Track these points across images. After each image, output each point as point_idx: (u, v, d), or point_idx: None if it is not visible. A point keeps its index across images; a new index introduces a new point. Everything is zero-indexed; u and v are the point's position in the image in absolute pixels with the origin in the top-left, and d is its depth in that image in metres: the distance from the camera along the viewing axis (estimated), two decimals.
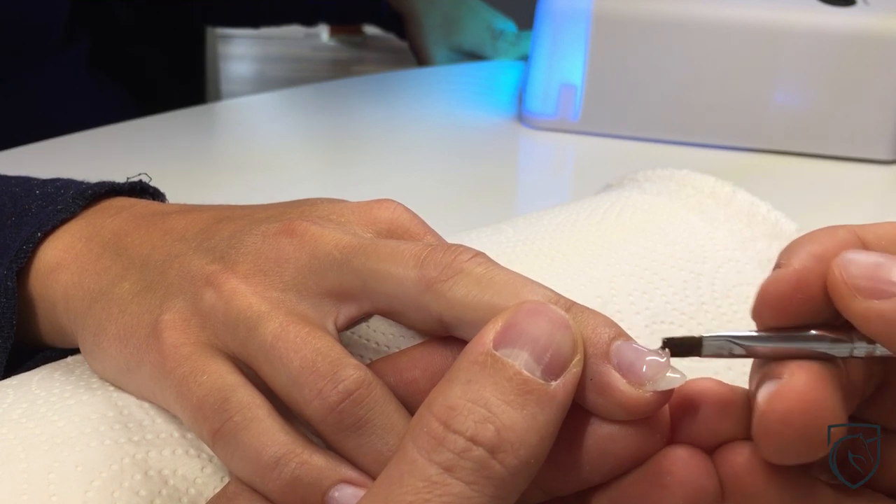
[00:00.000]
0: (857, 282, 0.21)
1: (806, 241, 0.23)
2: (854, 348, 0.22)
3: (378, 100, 0.81)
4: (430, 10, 1.01)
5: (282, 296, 0.26)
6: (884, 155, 0.69)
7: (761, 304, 0.23)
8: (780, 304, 0.22)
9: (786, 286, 0.22)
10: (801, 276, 0.22)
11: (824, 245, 0.22)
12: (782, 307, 0.22)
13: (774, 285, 0.22)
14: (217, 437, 0.25)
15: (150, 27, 0.99)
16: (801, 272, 0.22)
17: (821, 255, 0.22)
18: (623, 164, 0.67)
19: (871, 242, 0.23)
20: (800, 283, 0.22)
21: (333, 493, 0.24)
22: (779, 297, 0.22)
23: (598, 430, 0.23)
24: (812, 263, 0.22)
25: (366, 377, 0.24)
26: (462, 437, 0.20)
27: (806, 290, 0.22)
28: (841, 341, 0.22)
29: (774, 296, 0.22)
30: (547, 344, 0.22)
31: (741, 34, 0.68)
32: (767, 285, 0.23)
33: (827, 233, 0.23)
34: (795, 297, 0.22)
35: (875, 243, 0.23)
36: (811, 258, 0.22)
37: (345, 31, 3.35)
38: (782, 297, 0.22)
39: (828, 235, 0.23)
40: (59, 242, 0.31)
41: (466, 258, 0.24)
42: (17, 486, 0.24)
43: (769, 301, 0.23)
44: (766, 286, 0.23)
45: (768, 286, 0.23)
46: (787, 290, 0.22)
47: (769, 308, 0.23)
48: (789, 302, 0.22)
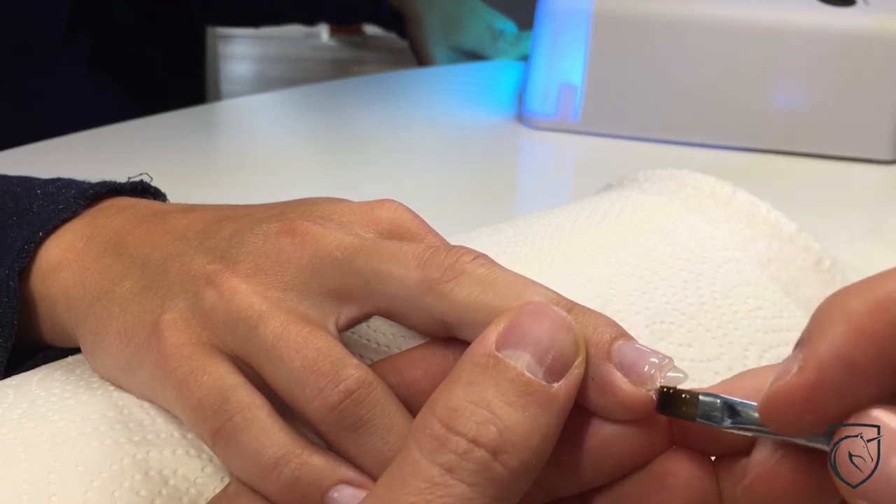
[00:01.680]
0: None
1: (835, 319, 0.18)
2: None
3: (378, 100, 0.81)
4: (431, 10, 1.01)
5: (283, 295, 0.26)
6: (884, 155, 0.69)
7: (769, 413, 0.19)
8: (789, 417, 0.19)
9: (798, 397, 0.19)
10: (817, 388, 0.18)
11: (859, 330, 0.18)
12: (793, 421, 0.19)
13: (781, 395, 0.19)
14: (217, 437, 0.25)
15: (150, 27, 0.99)
16: (817, 383, 0.18)
17: (851, 359, 0.18)
18: (623, 164, 0.67)
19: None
20: (816, 396, 0.18)
21: (333, 493, 0.24)
22: (788, 410, 0.19)
23: (600, 431, 0.23)
24: (836, 372, 0.18)
25: (367, 377, 0.24)
26: (464, 438, 0.20)
27: (823, 406, 0.18)
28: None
29: (781, 407, 0.19)
30: (549, 345, 0.22)
31: (741, 34, 0.68)
32: (774, 393, 0.19)
33: (868, 302, 0.18)
34: (809, 408, 0.19)
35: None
36: (837, 363, 0.18)
37: (345, 31, 3.35)
38: (792, 411, 0.19)
39: (870, 307, 0.18)
40: (60, 242, 0.31)
41: (469, 259, 0.25)
42: (17, 486, 0.24)
43: (775, 412, 0.19)
44: (772, 393, 0.19)
45: (774, 394, 0.19)
46: (800, 402, 0.19)
47: (777, 418, 0.19)
48: (801, 415, 0.19)
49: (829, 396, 0.18)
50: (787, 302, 0.33)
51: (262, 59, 3.22)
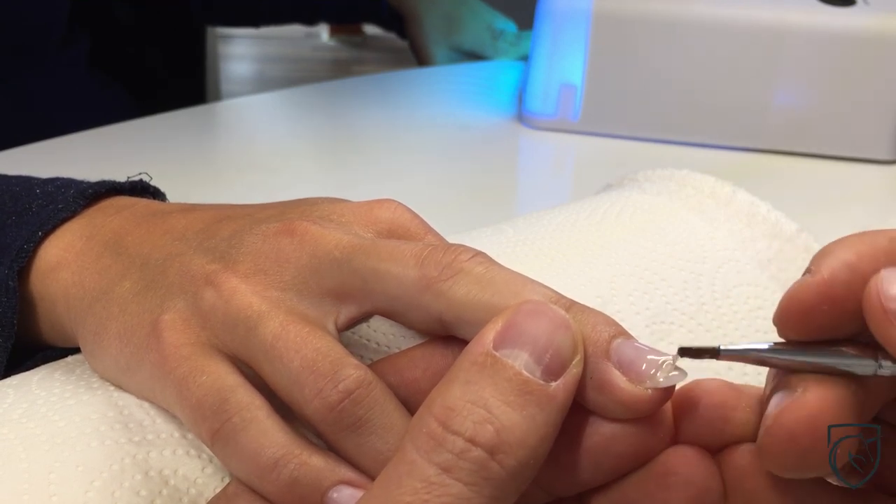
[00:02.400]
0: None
1: (840, 247, 0.21)
2: (880, 367, 0.21)
3: (378, 100, 0.81)
4: (431, 10, 1.01)
5: (282, 295, 0.26)
6: (884, 155, 0.69)
7: (784, 313, 0.21)
8: (803, 314, 0.21)
9: (811, 295, 0.21)
10: (829, 287, 0.20)
11: (860, 254, 0.21)
12: (806, 318, 0.21)
13: (799, 293, 0.21)
14: (216, 437, 0.25)
15: (150, 27, 0.99)
16: (829, 282, 0.20)
17: (854, 265, 0.20)
18: (623, 164, 0.67)
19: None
20: (827, 294, 0.21)
21: (332, 493, 0.24)
22: (803, 307, 0.21)
23: (599, 430, 0.23)
24: (844, 273, 0.20)
25: (366, 377, 0.24)
26: (461, 437, 0.20)
27: (833, 302, 0.21)
28: (866, 358, 0.21)
29: (798, 305, 0.21)
30: (547, 344, 0.22)
31: (741, 34, 0.68)
32: (792, 293, 0.21)
33: (865, 240, 0.21)
34: (821, 308, 0.21)
35: None
36: (843, 267, 0.20)
37: (345, 31, 3.35)
38: (807, 307, 0.21)
39: (866, 243, 0.21)
40: (59, 241, 0.31)
41: (467, 258, 0.24)
42: (17, 486, 0.24)
43: (792, 310, 0.21)
44: (790, 293, 0.21)
45: (793, 294, 0.21)
46: (813, 299, 0.21)
47: (792, 317, 0.21)
48: (814, 313, 0.21)
49: (839, 293, 0.20)
50: None
51: (262, 59, 3.22)
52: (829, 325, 0.21)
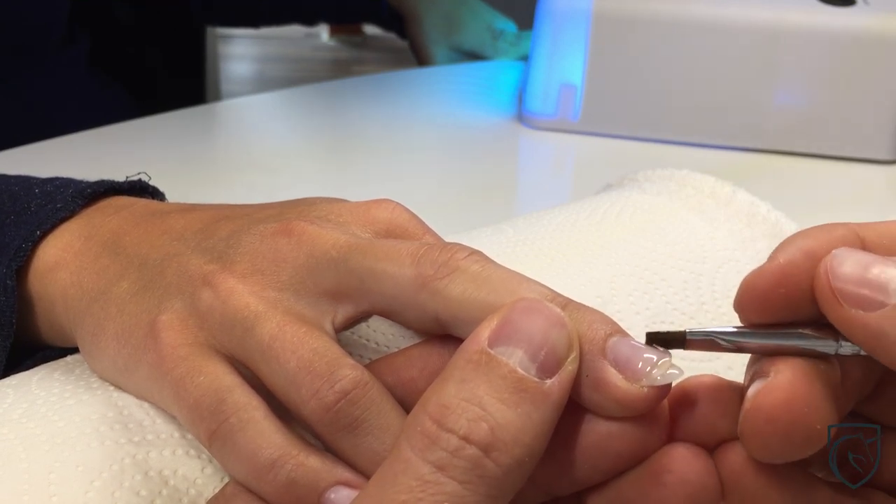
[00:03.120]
0: (843, 286, 0.20)
1: (800, 236, 0.22)
2: (840, 347, 0.21)
3: (378, 100, 0.81)
4: (431, 10, 1.01)
5: (279, 295, 0.26)
6: (884, 155, 0.69)
7: (743, 298, 0.22)
8: (761, 298, 0.22)
9: (768, 281, 0.22)
10: (785, 272, 0.21)
11: (818, 241, 0.22)
12: (764, 302, 0.22)
13: (756, 279, 0.22)
14: (213, 438, 0.25)
15: (150, 27, 0.99)
16: (785, 267, 0.21)
17: (810, 251, 0.21)
18: (623, 164, 0.67)
19: (871, 242, 0.22)
20: (783, 279, 0.21)
21: (330, 494, 0.24)
22: (761, 292, 0.22)
23: (596, 428, 0.23)
24: (800, 259, 0.21)
25: (362, 377, 0.24)
26: (455, 435, 0.20)
27: (790, 287, 0.21)
28: (825, 339, 0.21)
29: (756, 290, 0.22)
30: (542, 342, 0.21)
31: (741, 34, 0.68)
32: (750, 278, 0.22)
33: (823, 229, 0.22)
34: (777, 292, 0.21)
35: (876, 243, 0.22)
36: (799, 253, 0.21)
37: (345, 31, 3.35)
38: (764, 292, 0.22)
39: (823, 232, 0.22)
40: (58, 241, 0.31)
41: (462, 256, 0.24)
42: (17, 487, 0.24)
43: (750, 295, 0.22)
44: (748, 279, 0.22)
45: (750, 279, 0.22)
46: (769, 284, 0.22)
47: (751, 302, 0.22)
48: (771, 297, 0.22)
49: (795, 277, 0.21)
50: None
51: (262, 59, 3.22)
52: (788, 309, 0.22)
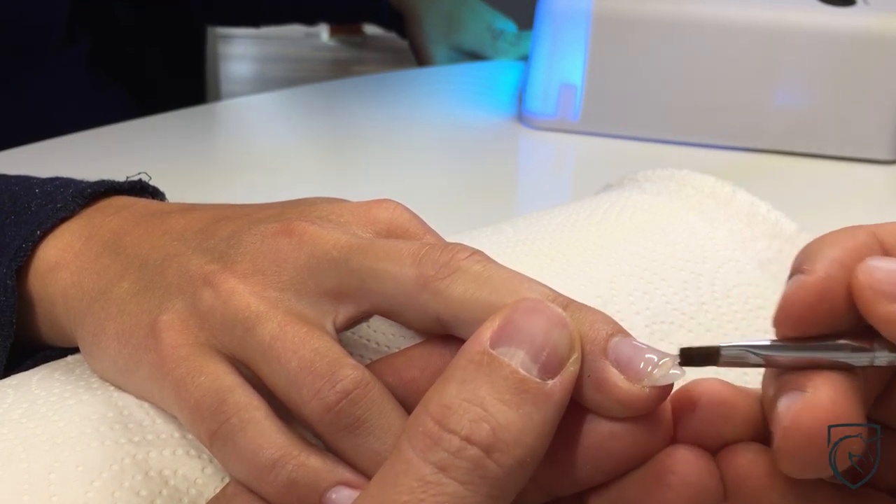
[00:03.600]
0: (883, 287, 0.20)
1: (827, 245, 0.22)
2: (875, 357, 0.21)
3: (378, 100, 0.81)
4: (431, 10, 1.01)
5: (280, 296, 0.26)
6: (884, 155, 0.69)
7: (785, 313, 0.22)
8: (805, 312, 0.21)
9: (811, 294, 0.21)
10: (826, 284, 0.21)
11: (846, 250, 0.21)
12: (807, 316, 0.21)
13: (799, 293, 0.21)
14: (214, 438, 0.25)
15: (150, 27, 0.99)
16: (826, 280, 0.21)
17: (844, 260, 0.21)
18: (623, 164, 0.67)
19: (889, 244, 0.22)
20: (826, 292, 0.21)
21: (331, 495, 0.24)
22: (804, 306, 0.21)
23: (598, 429, 0.23)
24: (836, 270, 0.21)
25: (364, 377, 0.24)
26: (457, 436, 0.20)
27: (831, 299, 0.21)
28: (862, 350, 0.21)
29: (800, 304, 0.21)
30: (544, 342, 0.21)
31: (741, 34, 0.68)
32: (792, 293, 0.21)
33: (847, 236, 0.22)
34: (821, 305, 0.21)
35: (893, 244, 0.22)
36: (835, 265, 0.21)
37: (345, 31, 3.35)
38: (808, 306, 0.21)
39: (848, 239, 0.22)
40: (58, 241, 0.31)
41: (464, 256, 0.24)
42: (17, 487, 0.24)
43: (795, 309, 0.21)
44: (790, 294, 0.22)
45: (793, 294, 0.21)
46: (813, 298, 0.21)
47: (794, 317, 0.22)
48: (815, 310, 0.21)
49: (836, 290, 0.21)
50: None
51: (262, 59, 3.22)
52: (826, 322, 0.22)
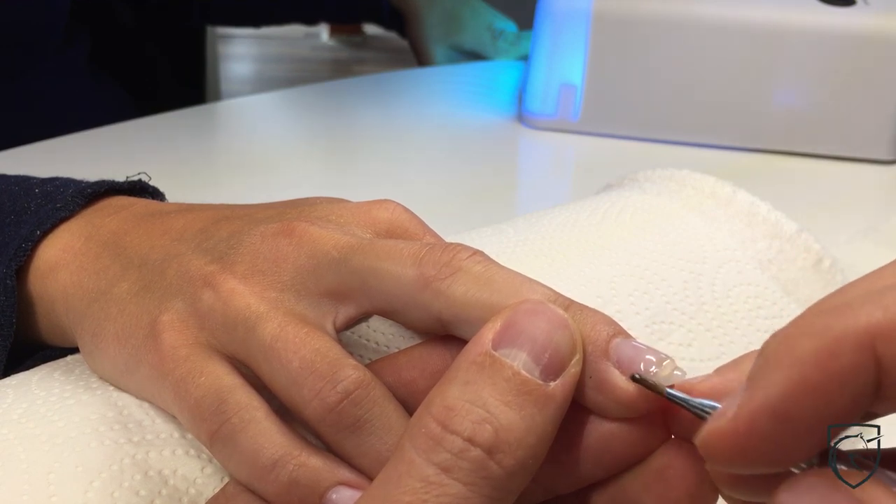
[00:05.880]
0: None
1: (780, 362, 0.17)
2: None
3: (378, 100, 0.81)
4: (431, 10, 1.01)
5: (280, 296, 0.26)
6: (884, 155, 0.69)
7: (704, 451, 0.19)
8: (721, 459, 0.18)
9: (727, 442, 0.18)
10: (747, 434, 0.18)
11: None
12: (725, 462, 0.18)
13: (714, 438, 0.18)
14: (215, 438, 0.25)
15: (151, 27, 0.99)
16: (748, 430, 0.18)
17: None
18: (623, 164, 0.67)
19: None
20: (745, 443, 0.18)
21: (331, 495, 0.24)
22: (720, 452, 0.18)
23: (598, 429, 0.23)
24: (770, 419, 0.17)
25: (364, 377, 0.24)
26: (460, 437, 0.20)
27: (755, 449, 0.18)
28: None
29: (715, 448, 0.18)
30: (545, 344, 0.21)
31: (741, 34, 0.68)
32: (707, 434, 0.18)
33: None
34: (739, 456, 0.18)
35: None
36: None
37: (345, 31, 3.35)
38: (723, 453, 0.18)
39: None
40: (58, 241, 0.31)
41: (465, 256, 0.24)
42: (17, 487, 0.24)
43: (709, 452, 0.18)
44: (705, 435, 0.18)
45: (708, 436, 0.18)
46: (729, 447, 0.18)
47: (711, 460, 0.19)
48: (731, 460, 0.18)
49: (761, 445, 0.17)
50: (787, 302, 0.33)
51: (262, 59, 3.22)
52: (762, 465, 0.18)
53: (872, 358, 0.16)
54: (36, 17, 0.73)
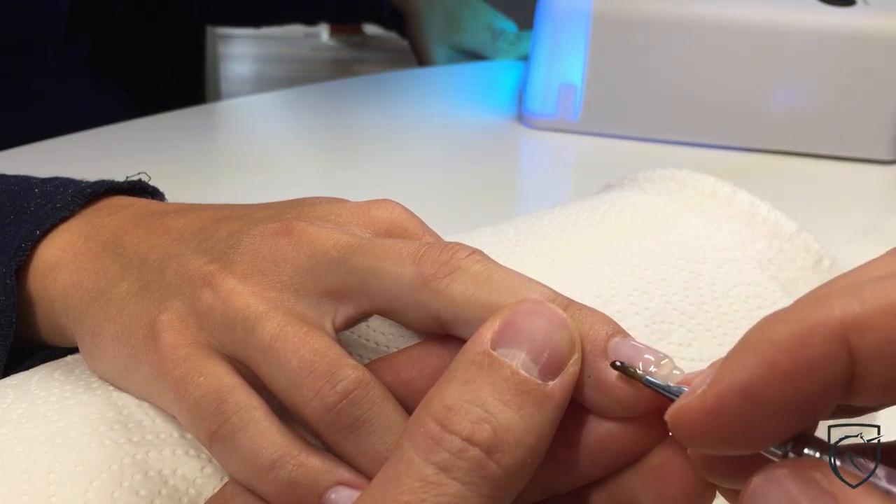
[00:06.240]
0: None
1: (754, 346, 0.18)
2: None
3: (378, 100, 0.81)
4: (432, 9, 1.01)
5: (279, 296, 0.26)
6: (884, 155, 0.69)
7: (673, 426, 0.19)
8: (689, 435, 0.19)
9: (695, 419, 0.18)
10: (713, 412, 0.18)
11: None
12: (691, 439, 0.19)
13: (683, 413, 0.18)
14: (214, 438, 0.25)
15: (150, 27, 0.99)
16: (715, 408, 0.18)
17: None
18: (623, 164, 0.67)
19: None
20: (711, 420, 0.18)
21: (330, 495, 0.24)
22: (688, 428, 0.19)
23: (597, 428, 0.23)
24: (737, 398, 0.18)
25: (364, 377, 0.24)
26: (458, 437, 0.20)
27: (722, 427, 0.18)
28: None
29: (683, 424, 0.18)
30: (544, 343, 0.21)
31: (741, 34, 0.68)
32: (677, 408, 0.19)
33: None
34: (706, 433, 0.18)
35: None
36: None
37: (345, 31, 3.35)
38: (691, 430, 0.19)
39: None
40: (57, 241, 0.31)
41: (464, 255, 0.24)
42: (17, 487, 0.24)
43: (678, 426, 0.19)
44: (676, 409, 0.19)
45: (678, 410, 0.18)
46: (697, 424, 0.18)
47: (679, 435, 0.19)
48: (698, 437, 0.19)
49: (730, 424, 0.18)
50: (787, 301, 0.33)
51: (262, 59, 3.22)
52: (728, 444, 0.19)
53: (846, 349, 0.16)
54: (36, 17, 0.73)
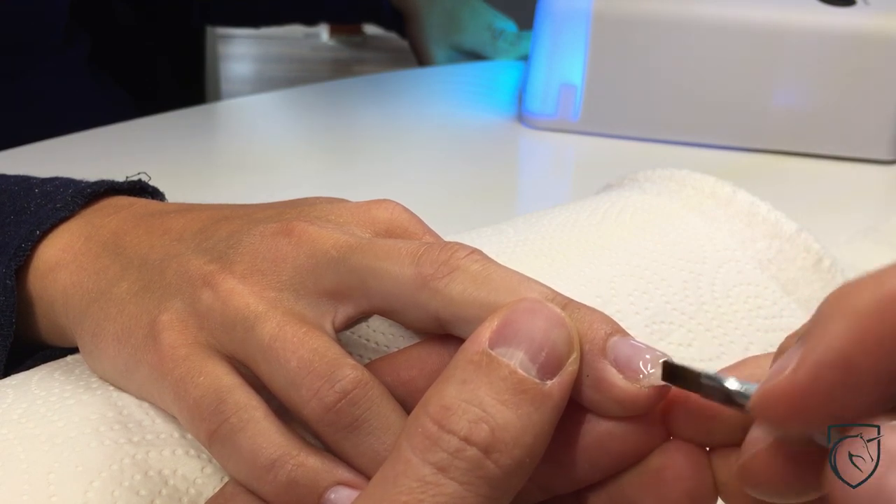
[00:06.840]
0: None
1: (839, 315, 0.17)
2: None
3: (378, 100, 0.81)
4: (432, 9, 1.01)
5: (279, 295, 0.26)
6: (884, 155, 0.69)
7: (761, 412, 0.18)
8: (781, 417, 0.18)
9: (788, 398, 0.18)
10: (810, 387, 0.17)
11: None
12: (784, 421, 0.18)
13: (774, 395, 0.18)
14: (213, 438, 0.25)
15: (150, 27, 0.99)
16: (812, 383, 0.17)
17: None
18: (623, 164, 0.67)
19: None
20: (808, 397, 0.17)
21: (330, 495, 0.24)
22: (779, 410, 0.18)
23: (596, 428, 0.23)
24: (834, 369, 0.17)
25: (363, 377, 0.24)
26: (456, 436, 0.20)
27: (817, 404, 0.17)
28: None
29: (774, 407, 0.18)
30: (542, 342, 0.21)
31: (741, 34, 0.68)
32: (766, 392, 0.18)
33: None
34: (800, 413, 0.18)
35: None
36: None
37: (345, 31, 3.35)
38: (783, 411, 0.18)
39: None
40: (58, 241, 0.31)
41: (463, 255, 0.24)
42: (17, 487, 0.24)
43: (767, 411, 0.18)
44: (764, 392, 0.18)
45: (767, 393, 0.18)
46: (791, 403, 0.18)
47: (769, 420, 0.18)
48: (792, 418, 0.18)
49: (824, 399, 0.17)
50: (787, 301, 0.33)
51: (262, 59, 3.22)
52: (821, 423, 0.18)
53: None
54: (36, 17, 0.73)
